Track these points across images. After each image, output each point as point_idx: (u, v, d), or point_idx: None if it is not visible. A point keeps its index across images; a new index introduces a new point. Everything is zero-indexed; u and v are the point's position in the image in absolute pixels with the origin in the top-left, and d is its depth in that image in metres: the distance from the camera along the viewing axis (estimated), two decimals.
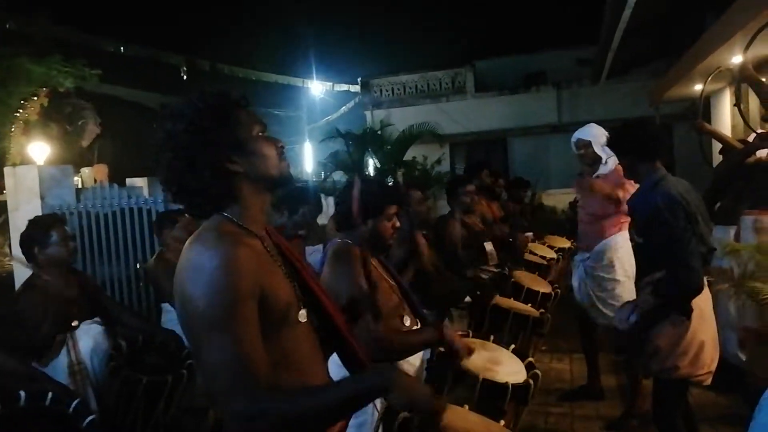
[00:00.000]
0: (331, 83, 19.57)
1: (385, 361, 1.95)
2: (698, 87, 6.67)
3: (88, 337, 2.88)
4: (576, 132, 4.12)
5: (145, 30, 16.81)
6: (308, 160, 17.75)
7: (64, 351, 2.79)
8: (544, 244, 5.86)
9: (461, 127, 15.05)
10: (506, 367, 2.28)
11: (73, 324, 2.85)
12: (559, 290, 4.04)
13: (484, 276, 4.01)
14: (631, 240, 2.98)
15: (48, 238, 2.90)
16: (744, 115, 5.60)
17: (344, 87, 19.27)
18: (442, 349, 2.17)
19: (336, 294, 1.89)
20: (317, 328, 1.49)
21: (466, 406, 1.79)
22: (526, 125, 14.91)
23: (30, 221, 3.01)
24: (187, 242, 1.32)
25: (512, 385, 2.11)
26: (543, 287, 3.92)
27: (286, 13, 23.02)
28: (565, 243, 6.00)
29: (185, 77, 17.16)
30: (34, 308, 2.81)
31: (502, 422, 1.74)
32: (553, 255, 5.35)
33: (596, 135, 3.96)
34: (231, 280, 1.21)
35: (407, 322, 2.20)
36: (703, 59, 6.46)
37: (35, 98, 10.47)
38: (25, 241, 2.92)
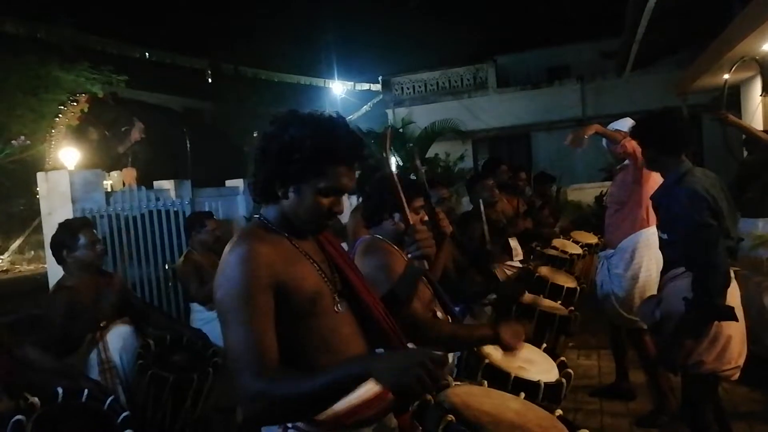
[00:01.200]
0: (352, 83, 19.63)
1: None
2: (727, 76, 6.51)
3: (118, 336, 2.94)
4: (611, 124, 4.05)
5: (169, 35, 17.05)
6: None
7: (94, 350, 2.86)
8: (569, 239, 5.78)
9: (484, 123, 14.95)
10: (538, 365, 2.26)
11: (102, 324, 2.91)
12: (584, 285, 3.98)
13: (508, 272, 3.98)
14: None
15: (76, 241, 2.98)
16: None
17: (366, 86, 19.30)
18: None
19: (375, 286, 1.91)
20: (359, 314, 1.59)
21: (485, 383, 1.77)
22: (550, 120, 14.74)
23: (59, 225, 3.09)
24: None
25: (544, 383, 2.09)
26: (568, 282, 3.88)
27: (306, 14, 23.15)
28: (592, 239, 5.90)
29: (210, 80, 17.42)
30: (65, 308, 2.88)
31: (522, 394, 1.73)
32: (578, 250, 5.28)
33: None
34: (244, 273, 1.37)
35: (439, 315, 2.21)
36: (731, 48, 6.30)
37: (75, 104, 10.78)
38: (55, 244, 3.00)
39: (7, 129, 11.77)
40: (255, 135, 17.83)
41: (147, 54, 15.47)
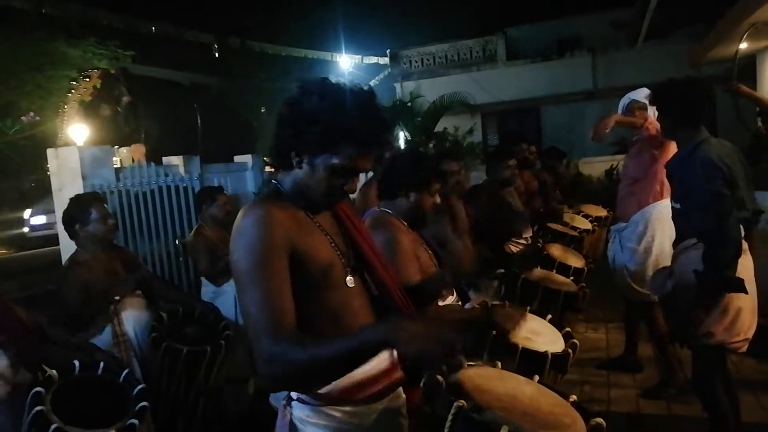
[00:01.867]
0: (360, 56, 19.43)
1: None
2: (743, 46, 6.37)
3: (131, 310, 2.98)
4: (630, 93, 3.97)
5: (175, 9, 16.91)
6: None
7: (108, 324, 2.90)
8: (579, 213, 5.75)
9: (493, 96, 14.77)
10: (545, 336, 2.29)
11: (115, 298, 2.95)
12: (592, 265, 3.96)
13: (515, 248, 3.97)
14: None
15: (88, 216, 3.00)
16: None
17: (374, 59, 19.10)
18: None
19: None
20: (370, 290, 1.58)
21: (499, 364, 1.77)
22: (560, 92, 14.53)
23: (71, 200, 3.12)
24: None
25: (551, 354, 2.11)
26: (576, 261, 3.86)
27: None
28: (601, 212, 5.88)
29: (216, 55, 17.31)
30: (79, 283, 2.93)
31: (536, 378, 1.73)
32: (588, 226, 5.25)
33: None
34: (260, 234, 1.35)
35: (448, 295, 2.22)
36: (748, 16, 6.15)
37: (88, 80, 10.78)
38: (67, 219, 3.03)
39: (16, 106, 11.79)
40: (263, 110, 17.79)
41: (153, 28, 15.36)
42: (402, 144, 10.38)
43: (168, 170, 6.31)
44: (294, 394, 1.45)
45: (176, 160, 6.63)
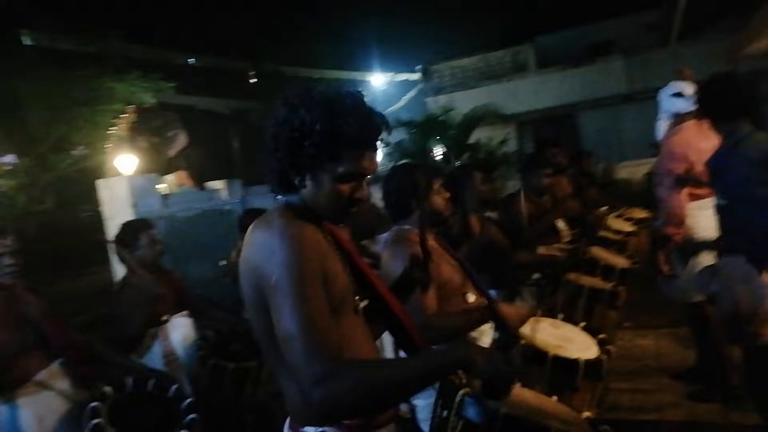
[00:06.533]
0: (391, 73, 19.66)
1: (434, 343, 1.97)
2: None
3: (178, 329, 3.10)
4: (666, 88, 3.92)
5: (211, 41, 17.56)
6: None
7: (157, 343, 3.02)
8: (621, 217, 5.65)
9: (526, 105, 14.68)
10: (577, 343, 2.26)
11: (163, 318, 3.07)
12: (638, 265, 3.89)
13: (555, 253, 3.94)
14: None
15: (137, 241, 3.15)
16: None
17: (405, 76, 19.30)
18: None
19: (392, 274, 1.92)
20: (373, 313, 1.54)
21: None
22: (595, 97, 14.33)
23: (122, 225, 3.27)
24: (251, 227, 1.40)
25: (584, 360, 2.08)
26: (620, 262, 3.80)
27: (343, 10, 23.34)
28: (643, 214, 5.76)
29: (252, 81, 17.83)
30: (129, 305, 3.06)
31: (555, 398, 1.72)
32: (631, 228, 5.16)
33: None
34: (301, 254, 1.27)
35: (471, 299, 2.23)
36: None
37: (125, 115, 11.33)
38: (118, 244, 3.18)
39: (68, 140, 12.40)
40: None
41: (192, 60, 15.96)
42: (437, 158, 10.42)
43: (211, 194, 6.53)
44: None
45: (219, 185, 6.86)
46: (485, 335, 2.27)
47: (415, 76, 17.80)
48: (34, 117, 12.47)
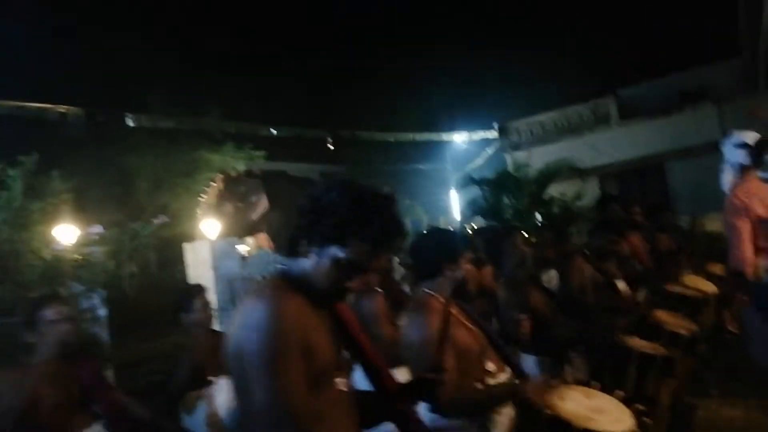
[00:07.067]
0: (469, 132, 19.87)
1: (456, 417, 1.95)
2: None
3: (224, 392, 3.20)
4: (731, 138, 3.77)
5: (295, 113, 19.01)
6: (456, 208, 18.26)
7: (201, 405, 3.14)
8: (703, 273, 5.21)
9: (609, 157, 14.20)
10: (609, 414, 2.13)
11: (209, 380, 3.21)
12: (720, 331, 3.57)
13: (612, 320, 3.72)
14: None
15: (191, 305, 3.36)
16: None
17: (483, 134, 19.44)
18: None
19: (407, 340, 1.95)
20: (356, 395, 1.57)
21: None
22: (685, 146, 13.60)
23: (179, 290, 3.52)
24: (245, 299, 1.49)
25: None
26: (685, 326, 3.52)
27: (417, 75, 24.29)
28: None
29: (331, 147, 18.80)
30: (186, 367, 3.24)
31: None
32: (710, 288, 4.75)
33: None
34: (279, 328, 1.34)
35: (490, 367, 2.17)
36: None
37: (214, 183, 12.38)
38: (173, 307, 3.41)
39: (168, 207, 13.62)
40: None
41: (276, 131, 17.20)
42: (510, 215, 10.26)
43: None
44: None
45: None
46: (504, 413, 2.19)
47: (494, 134, 17.86)
48: (140, 187, 13.89)
